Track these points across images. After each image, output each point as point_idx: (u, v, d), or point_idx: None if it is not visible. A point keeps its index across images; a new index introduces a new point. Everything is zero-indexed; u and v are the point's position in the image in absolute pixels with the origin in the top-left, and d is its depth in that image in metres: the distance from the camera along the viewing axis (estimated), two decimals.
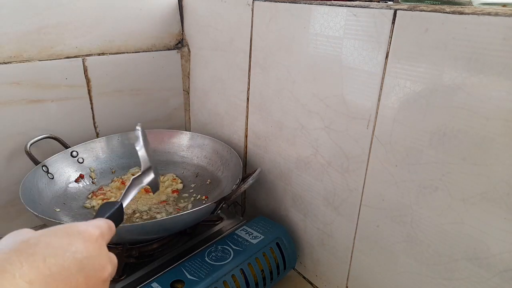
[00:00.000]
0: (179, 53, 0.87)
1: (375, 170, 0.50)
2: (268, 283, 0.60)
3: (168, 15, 0.83)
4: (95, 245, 0.29)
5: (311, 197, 0.62)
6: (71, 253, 0.27)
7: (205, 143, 0.79)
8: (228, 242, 0.59)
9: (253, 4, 0.64)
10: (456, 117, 0.40)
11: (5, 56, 0.66)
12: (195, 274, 0.52)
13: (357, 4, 0.48)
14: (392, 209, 0.49)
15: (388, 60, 0.45)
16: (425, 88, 0.42)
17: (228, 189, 0.65)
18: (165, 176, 0.76)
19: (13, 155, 0.70)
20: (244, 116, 0.73)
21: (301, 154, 0.62)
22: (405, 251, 0.49)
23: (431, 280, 0.47)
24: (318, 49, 0.54)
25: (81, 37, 0.73)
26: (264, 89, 0.66)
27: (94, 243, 0.29)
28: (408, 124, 0.45)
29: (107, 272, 0.30)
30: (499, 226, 0.39)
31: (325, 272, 0.64)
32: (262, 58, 0.65)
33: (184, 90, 0.91)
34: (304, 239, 0.67)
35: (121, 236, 0.55)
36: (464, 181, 0.41)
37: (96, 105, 0.78)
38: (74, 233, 0.29)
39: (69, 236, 0.28)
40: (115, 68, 0.78)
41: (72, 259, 0.27)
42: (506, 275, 0.39)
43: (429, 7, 0.41)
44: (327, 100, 0.55)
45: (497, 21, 0.35)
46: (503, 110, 0.36)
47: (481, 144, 0.39)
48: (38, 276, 0.24)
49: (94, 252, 0.29)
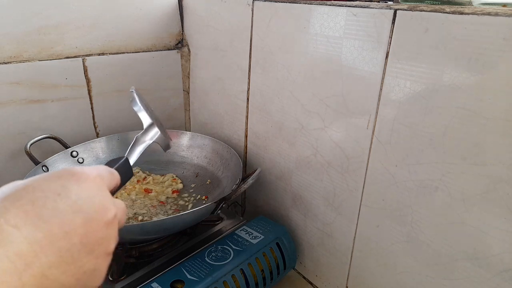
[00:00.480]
0: (179, 53, 0.87)
1: (375, 170, 0.50)
2: (268, 283, 0.60)
3: (168, 15, 0.83)
4: (92, 184, 0.26)
5: (311, 197, 0.62)
6: (64, 195, 0.24)
7: (205, 143, 0.79)
8: (228, 242, 0.59)
9: (253, 4, 0.64)
10: (456, 117, 0.40)
11: (5, 56, 0.66)
12: (195, 274, 0.52)
13: (357, 4, 0.48)
14: (392, 209, 0.49)
15: (388, 60, 0.45)
16: (425, 88, 0.42)
17: (228, 189, 0.65)
18: (165, 176, 0.76)
19: (13, 155, 0.70)
20: (244, 116, 0.73)
21: (301, 154, 0.62)
22: (405, 251, 0.49)
23: (431, 280, 0.47)
24: (318, 49, 0.54)
25: (81, 37, 0.73)
26: (264, 89, 0.66)
27: (91, 182, 0.26)
28: (408, 124, 0.45)
29: (110, 213, 0.26)
30: (499, 226, 0.39)
31: (325, 272, 0.64)
32: (262, 58, 0.65)
33: (184, 90, 0.91)
34: (304, 239, 0.67)
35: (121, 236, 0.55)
36: (464, 181, 0.41)
37: (96, 105, 0.78)
38: (67, 175, 0.26)
39: (61, 178, 0.25)
40: (115, 68, 0.78)
41: (65, 200, 0.24)
42: (506, 275, 0.39)
43: (429, 7, 0.41)
44: (327, 100, 0.55)
45: (497, 21, 0.35)
46: (503, 110, 0.36)
47: (481, 144, 0.39)
48: (26, 220, 0.21)
49: (92, 192, 0.26)
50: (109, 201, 0.27)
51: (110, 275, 0.54)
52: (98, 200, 0.26)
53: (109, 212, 0.26)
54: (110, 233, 0.27)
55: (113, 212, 0.27)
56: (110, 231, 0.26)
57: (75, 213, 0.24)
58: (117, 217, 0.28)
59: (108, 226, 0.26)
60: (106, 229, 0.26)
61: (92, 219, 0.25)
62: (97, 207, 0.25)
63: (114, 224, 0.27)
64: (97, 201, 0.26)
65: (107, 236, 0.26)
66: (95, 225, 0.25)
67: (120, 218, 0.29)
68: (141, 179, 0.75)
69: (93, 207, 0.25)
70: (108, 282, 0.54)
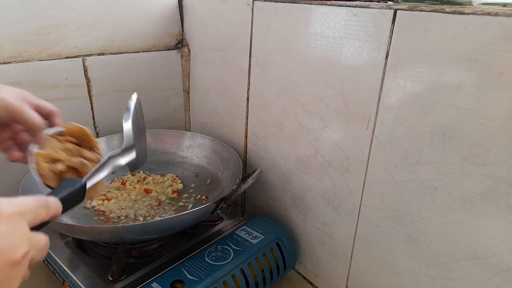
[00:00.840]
0: (179, 53, 0.87)
1: (375, 170, 0.50)
2: (268, 283, 0.60)
3: (168, 15, 0.83)
4: (5, 223, 0.27)
5: (311, 197, 0.62)
6: None
7: (205, 143, 0.79)
8: (228, 242, 0.59)
9: (253, 4, 0.64)
10: (456, 117, 0.40)
11: (5, 56, 0.66)
12: (195, 274, 0.52)
13: (357, 4, 0.48)
14: (392, 209, 0.49)
15: (388, 60, 0.45)
16: (425, 88, 0.42)
17: (228, 189, 0.65)
18: (165, 176, 0.76)
19: None
20: (244, 116, 0.73)
21: (301, 154, 0.62)
22: (405, 251, 0.49)
23: (431, 280, 0.47)
24: (318, 49, 0.54)
25: (81, 37, 0.73)
26: (264, 89, 0.66)
27: (5, 220, 0.27)
28: (408, 124, 0.45)
29: (18, 252, 0.27)
30: (499, 226, 0.39)
31: (325, 272, 0.64)
32: (262, 58, 0.65)
33: (184, 90, 0.91)
34: (304, 239, 0.67)
35: (121, 236, 0.55)
36: (464, 181, 0.41)
37: (96, 105, 0.78)
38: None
39: None
40: (115, 68, 0.78)
41: None
42: (506, 275, 0.39)
43: (429, 7, 0.41)
44: (327, 100, 0.55)
45: (497, 21, 0.35)
46: (503, 110, 0.36)
47: (481, 144, 0.39)
48: None
49: (1, 231, 0.26)
50: (21, 241, 0.27)
51: (110, 275, 0.54)
52: (7, 241, 0.26)
53: (17, 252, 0.26)
54: (14, 273, 0.27)
55: (22, 251, 0.27)
56: (14, 272, 0.27)
57: None
58: (29, 255, 0.28)
59: (12, 266, 0.26)
60: (10, 270, 0.26)
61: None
62: (4, 247, 0.26)
63: (22, 264, 0.27)
64: (5, 242, 0.26)
65: (8, 277, 0.26)
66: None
67: (34, 256, 0.29)
68: (141, 179, 0.75)
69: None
70: (108, 282, 0.54)
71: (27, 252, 0.27)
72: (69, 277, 0.55)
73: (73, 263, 0.58)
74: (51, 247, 0.61)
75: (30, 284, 0.64)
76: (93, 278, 0.55)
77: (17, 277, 0.27)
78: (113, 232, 0.54)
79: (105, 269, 0.56)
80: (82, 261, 0.58)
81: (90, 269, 0.56)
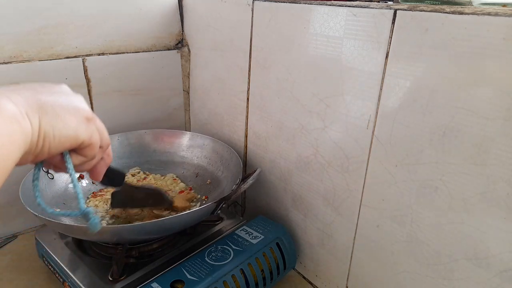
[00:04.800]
0: (179, 53, 0.87)
1: (375, 170, 0.50)
2: (268, 283, 0.60)
3: (168, 15, 0.83)
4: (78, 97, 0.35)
5: (311, 197, 0.62)
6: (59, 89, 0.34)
7: (205, 143, 0.79)
8: (228, 242, 0.59)
9: (253, 4, 0.64)
10: (456, 117, 0.40)
11: (5, 56, 0.66)
12: (195, 274, 0.52)
13: (357, 4, 0.48)
14: (392, 209, 0.49)
15: (388, 60, 0.45)
16: (425, 88, 0.42)
17: (228, 189, 0.65)
18: (165, 177, 0.76)
19: None
20: (244, 116, 0.73)
21: (301, 154, 0.62)
22: (405, 251, 0.49)
23: (431, 280, 0.47)
24: (318, 49, 0.54)
25: (81, 37, 0.73)
26: (264, 89, 0.66)
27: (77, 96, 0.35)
28: (408, 124, 0.45)
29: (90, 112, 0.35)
30: (499, 226, 0.39)
31: (325, 272, 0.64)
32: (262, 58, 0.65)
33: (184, 90, 0.91)
34: (304, 239, 0.67)
35: (121, 236, 0.55)
36: (464, 181, 0.41)
37: (96, 105, 0.78)
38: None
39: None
40: (115, 68, 0.78)
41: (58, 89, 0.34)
42: (506, 275, 0.39)
43: (429, 7, 0.41)
44: (327, 100, 0.55)
45: (497, 21, 0.35)
46: (503, 110, 0.36)
47: (481, 144, 0.39)
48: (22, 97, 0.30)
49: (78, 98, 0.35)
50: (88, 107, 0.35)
51: (110, 275, 0.54)
52: (82, 104, 0.34)
53: (90, 112, 0.34)
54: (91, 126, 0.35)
55: (92, 113, 0.35)
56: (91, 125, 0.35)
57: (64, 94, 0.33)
58: (96, 120, 0.36)
59: (88, 121, 0.34)
60: (88, 123, 0.34)
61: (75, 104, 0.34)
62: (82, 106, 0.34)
63: (93, 121, 0.35)
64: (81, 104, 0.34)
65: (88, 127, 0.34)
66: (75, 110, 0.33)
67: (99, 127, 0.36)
68: (141, 179, 0.75)
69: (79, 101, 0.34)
70: (108, 282, 0.54)
71: (94, 117, 0.35)
72: (69, 277, 0.55)
73: (73, 263, 0.58)
74: (51, 247, 0.61)
75: (30, 284, 0.64)
76: (93, 278, 0.55)
77: (95, 130, 0.35)
78: (113, 232, 0.54)
79: (105, 269, 0.56)
80: (82, 261, 0.58)
81: (90, 269, 0.56)
